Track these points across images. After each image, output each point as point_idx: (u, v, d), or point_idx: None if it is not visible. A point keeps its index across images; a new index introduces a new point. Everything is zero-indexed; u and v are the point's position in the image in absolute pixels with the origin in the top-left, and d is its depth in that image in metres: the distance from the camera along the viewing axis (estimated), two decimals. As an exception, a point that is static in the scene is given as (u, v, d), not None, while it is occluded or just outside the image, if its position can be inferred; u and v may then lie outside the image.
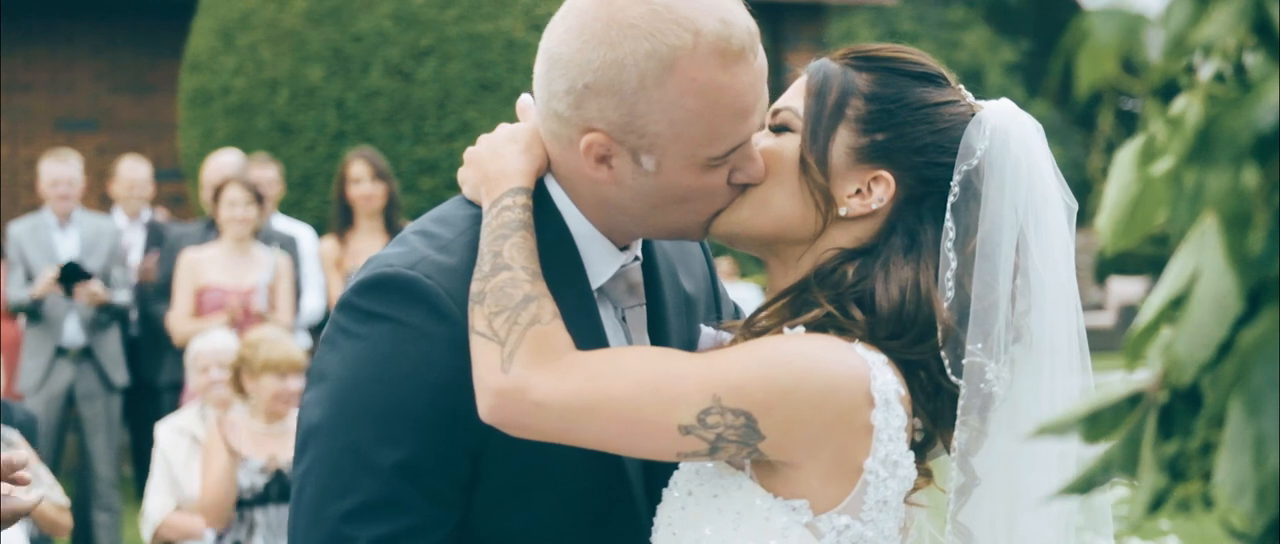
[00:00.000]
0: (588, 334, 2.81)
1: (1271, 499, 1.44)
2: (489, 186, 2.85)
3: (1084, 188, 2.25)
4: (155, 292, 11.93)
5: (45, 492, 3.85)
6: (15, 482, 3.64)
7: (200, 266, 10.83)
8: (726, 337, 2.97)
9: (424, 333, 2.72)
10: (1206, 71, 1.59)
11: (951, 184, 2.80)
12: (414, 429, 2.72)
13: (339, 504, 2.73)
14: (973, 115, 2.86)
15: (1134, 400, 1.62)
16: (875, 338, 2.74)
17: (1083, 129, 37.84)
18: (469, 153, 2.96)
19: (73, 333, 11.74)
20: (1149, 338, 1.64)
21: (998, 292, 2.77)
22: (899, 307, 2.75)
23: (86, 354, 11.79)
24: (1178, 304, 1.56)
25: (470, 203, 2.92)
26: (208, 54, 13.62)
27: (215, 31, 13.60)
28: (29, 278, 11.78)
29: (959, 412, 2.79)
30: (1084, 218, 2.52)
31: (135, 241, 12.99)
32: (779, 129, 2.88)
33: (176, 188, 16.10)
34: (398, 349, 2.72)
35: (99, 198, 15.68)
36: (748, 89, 2.74)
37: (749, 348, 2.74)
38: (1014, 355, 2.82)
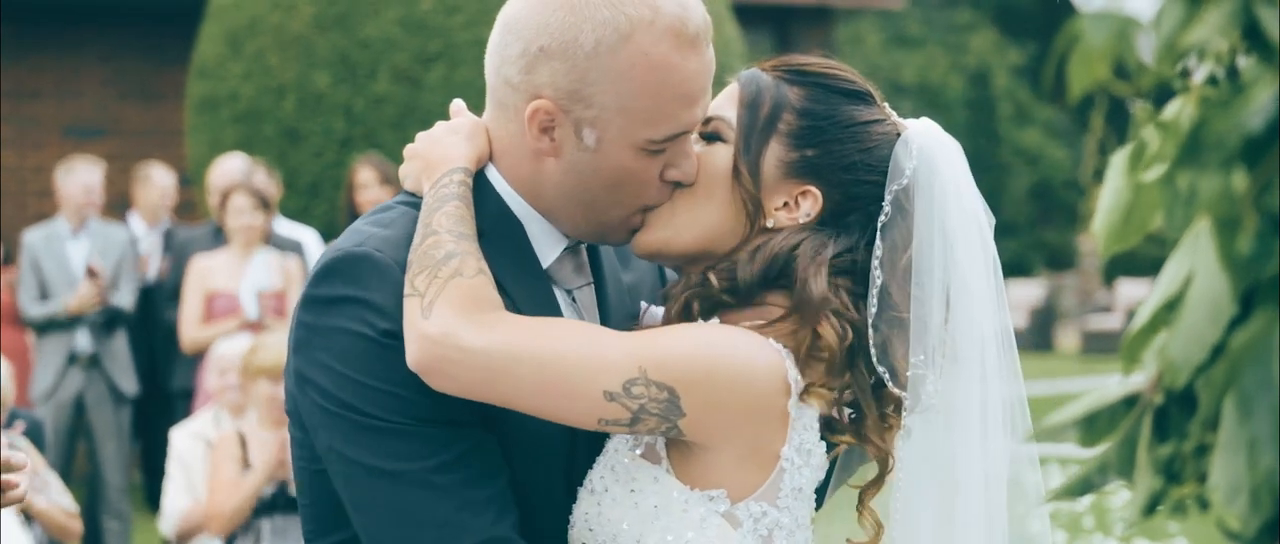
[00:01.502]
0: (541, 310, 2.86)
1: (1265, 500, 1.45)
2: (429, 173, 2.91)
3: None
4: (166, 297, 11.93)
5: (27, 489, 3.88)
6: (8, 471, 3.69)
7: (209, 273, 10.83)
8: None
9: (381, 305, 2.76)
10: (1200, 74, 1.59)
11: (883, 204, 2.84)
12: (415, 386, 2.74)
13: (411, 465, 2.76)
14: (898, 135, 2.90)
15: (1130, 403, 1.62)
16: (739, 295, 2.81)
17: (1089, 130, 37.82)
18: (409, 149, 3.02)
19: (83, 340, 11.76)
20: (1145, 341, 1.64)
21: (930, 306, 2.82)
22: (767, 264, 2.80)
23: (95, 362, 11.81)
24: (1173, 307, 1.57)
25: (413, 194, 2.97)
26: (215, 61, 13.62)
27: (223, 38, 13.60)
28: (42, 290, 11.80)
29: (904, 419, 2.85)
30: (1083, 220, 2.54)
31: (155, 249, 13.02)
32: (711, 137, 2.92)
33: (185, 194, 16.11)
34: (367, 323, 2.76)
35: (108, 204, 15.70)
36: (696, 76, 2.82)
37: (676, 329, 2.80)
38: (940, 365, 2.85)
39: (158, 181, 13.16)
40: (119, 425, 11.99)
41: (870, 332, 2.78)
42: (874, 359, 2.78)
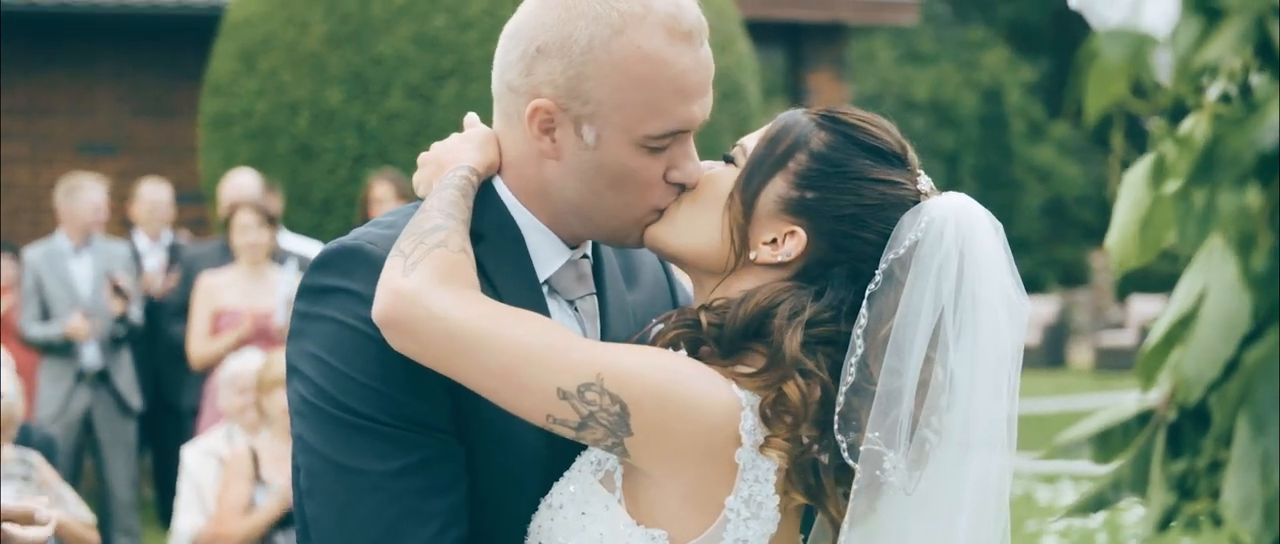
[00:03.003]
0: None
1: (1278, 517, 1.45)
2: (439, 175, 2.95)
3: (1106, 207, 2.27)
4: (174, 313, 11.94)
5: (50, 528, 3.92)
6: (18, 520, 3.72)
7: (217, 291, 10.82)
8: None
9: (369, 297, 2.78)
10: (1214, 92, 1.60)
11: (876, 272, 2.80)
12: (394, 382, 2.77)
13: (370, 465, 2.78)
14: (915, 201, 2.85)
15: (1143, 419, 1.63)
16: (722, 345, 2.79)
17: (1105, 147, 37.79)
18: (423, 156, 3.06)
19: (91, 357, 11.78)
20: (1161, 358, 1.64)
21: (903, 382, 2.77)
22: (749, 316, 2.79)
23: (103, 378, 11.83)
24: (1186, 323, 1.57)
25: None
26: (228, 77, 13.65)
27: (236, 55, 13.62)
28: (43, 309, 11.82)
29: (852, 496, 2.78)
30: (1099, 237, 2.51)
31: (156, 264, 13.03)
32: (729, 160, 2.93)
33: (198, 211, 16.14)
34: (355, 315, 2.79)
35: (120, 221, 15.73)
36: (690, 70, 2.85)
37: (645, 349, 2.81)
38: (925, 444, 2.80)
39: (147, 197, 13.16)
40: (126, 441, 12.02)
41: (839, 398, 2.75)
42: (836, 428, 2.74)
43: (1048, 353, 29.61)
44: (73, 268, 11.96)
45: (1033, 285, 36.09)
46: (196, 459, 8.76)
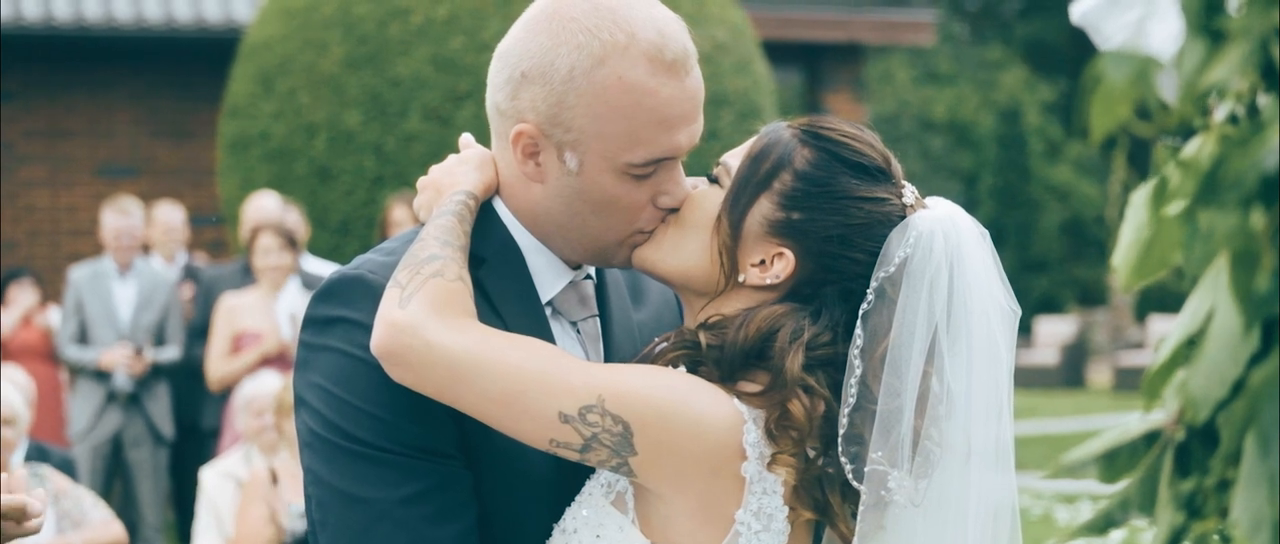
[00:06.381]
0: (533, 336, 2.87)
1: (1286, 535, 1.46)
2: (439, 200, 2.95)
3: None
4: (193, 335, 11.95)
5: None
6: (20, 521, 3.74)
7: (237, 312, 10.83)
8: None
9: (371, 326, 2.78)
10: (1221, 113, 1.60)
11: (867, 292, 2.80)
12: (399, 410, 2.78)
13: (377, 493, 2.79)
14: (902, 217, 2.85)
15: (1151, 439, 1.63)
16: (723, 367, 2.78)
17: (1124, 167, 37.67)
18: (422, 180, 3.06)
19: (122, 379, 11.78)
20: (1167, 376, 1.65)
21: (903, 400, 2.78)
22: (750, 340, 2.78)
23: (135, 401, 11.82)
24: (1194, 343, 1.58)
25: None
26: (247, 100, 13.68)
27: (254, 77, 13.66)
28: (82, 330, 11.83)
29: (859, 516, 2.79)
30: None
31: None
32: (714, 180, 2.92)
33: (216, 233, 16.18)
34: (357, 344, 2.80)
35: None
36: (673, 101, 2.83)
37: (644, 367, 2.81)
38: (930, 455, 2.81)
39: (161, 220, 13.18)
40: (156, 466, 12.01)
41: (842, 419, 2.75)
42: (840, 448, 2.74)
43: (1066, 373, 29.51)
44: (116, 290, 11.96)
45: (1051, 305, 36.00)
46: (214, 481, 8.77)
